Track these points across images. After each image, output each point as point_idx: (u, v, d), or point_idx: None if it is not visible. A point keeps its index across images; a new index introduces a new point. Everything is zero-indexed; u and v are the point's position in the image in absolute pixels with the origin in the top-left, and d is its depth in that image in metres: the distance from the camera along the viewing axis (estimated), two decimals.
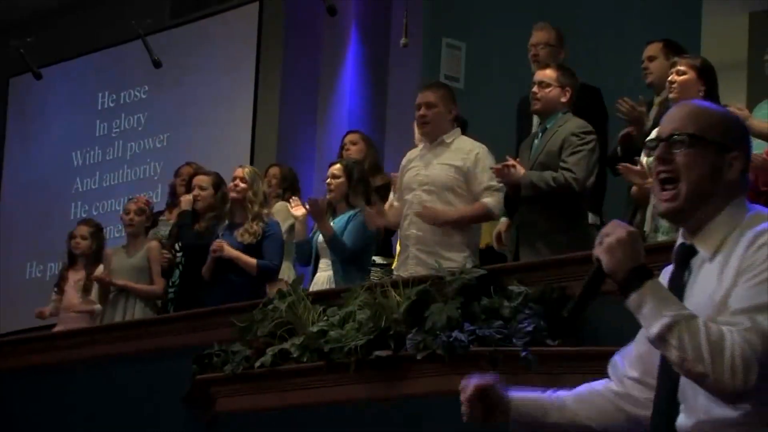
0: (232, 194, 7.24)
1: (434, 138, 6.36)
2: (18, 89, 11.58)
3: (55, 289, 8.21)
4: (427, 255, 6.13)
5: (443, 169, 6.27)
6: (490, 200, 6.20)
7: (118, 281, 7.72)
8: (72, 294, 7.98)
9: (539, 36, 7.04)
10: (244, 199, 7.17)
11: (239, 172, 7.27)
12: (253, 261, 7.04)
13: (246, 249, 7.08)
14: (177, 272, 7.72)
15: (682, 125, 2.66)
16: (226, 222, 7.37)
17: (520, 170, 5.98)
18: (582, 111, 6.30)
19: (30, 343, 7.59)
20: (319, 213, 6.72)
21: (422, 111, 6.35)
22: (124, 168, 10.89)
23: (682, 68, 5.86)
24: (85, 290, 7.96)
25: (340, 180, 6.88)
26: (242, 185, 7.18)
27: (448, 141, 6.34)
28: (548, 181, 5.93)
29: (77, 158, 11.20)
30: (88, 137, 11.16)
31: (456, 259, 6.04)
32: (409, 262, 6.21)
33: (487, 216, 6.31)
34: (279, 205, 7.79)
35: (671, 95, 5.84)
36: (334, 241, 6.66)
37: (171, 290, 7.71)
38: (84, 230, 8.18)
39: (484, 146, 6.35)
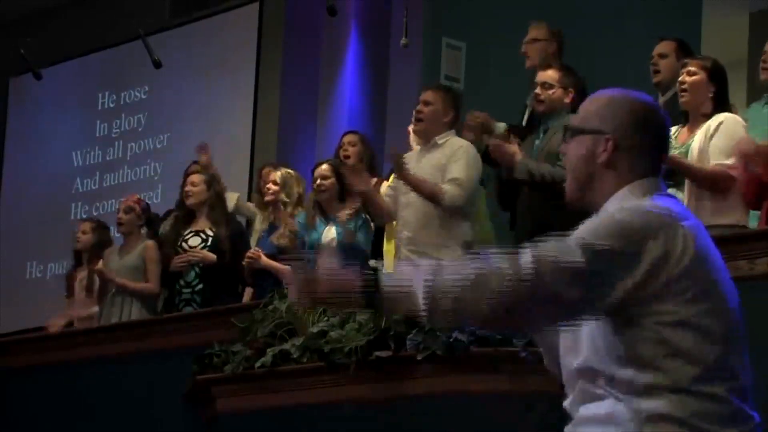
0: (266, 198, 7.35)
1: (428, 139, 6.35)
2: (18, 89, 11.56)
3: (66, 294, 8.15)
4: (418, 255, 6.09)
5: (431, 169, 6.24)
6: (448, 188, 6.11)
7: (115, 279, 7.64)
8: (79, 295, 7.94)
9: (531, 33, 7.06)
10: (277, 202, 7.25)
11: (272, 176, 7.36)
12: (287, 269, 7.03)
13: (282, 252, 7.10)
14: (192, 273, 7.58)
15: (573, 120, 2.73)
16: (267, 225, 7.44)
17: (514, 147, 5.93)
18: None
19: (30, 343, 7.59)
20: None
21: (419, 107, 6.36)
22: (124, 168, 10.88)
23: (692, 69, 5.73)
24: (88, 289, 7.87)
25: (330, 180, 6.93)
26: (274, 188, 7.26)
27: (440, 142, 6.32)
28: (543, 174, 5.91)
29: (77, 158, 11.19)
30: (88, 137, 11.15)
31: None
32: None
33: (436, 198, 6.14)
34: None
35: (682, 99, 5.74)
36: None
37: (186, 291, 7.55)
38: (86, 226, 8.15)
39: (472, 146, 6.32)
